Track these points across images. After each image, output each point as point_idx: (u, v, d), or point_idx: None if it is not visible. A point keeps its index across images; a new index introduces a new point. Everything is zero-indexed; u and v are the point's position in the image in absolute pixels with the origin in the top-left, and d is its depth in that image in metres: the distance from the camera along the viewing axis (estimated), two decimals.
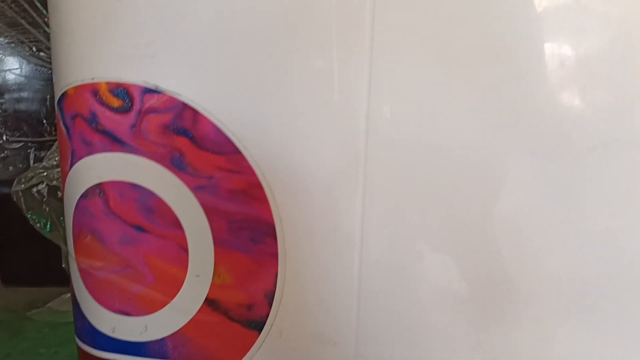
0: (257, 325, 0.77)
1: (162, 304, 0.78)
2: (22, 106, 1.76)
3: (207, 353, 0.79)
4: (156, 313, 0.79)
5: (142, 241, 0.77)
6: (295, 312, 0.76)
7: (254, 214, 0.73)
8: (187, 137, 0.72)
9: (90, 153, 0.75)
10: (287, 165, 0.72)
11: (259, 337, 0.77)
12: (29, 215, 1.54)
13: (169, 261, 0.77)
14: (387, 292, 0.74)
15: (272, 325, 0.77)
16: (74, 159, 0.77)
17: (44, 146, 1.69)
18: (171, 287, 0.78)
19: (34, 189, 1.56)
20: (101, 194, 0.76)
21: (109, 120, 0.74)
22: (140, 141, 0.74)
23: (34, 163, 1.63)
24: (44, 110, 1.74)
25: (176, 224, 0.76)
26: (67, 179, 0.79)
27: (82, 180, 0.77)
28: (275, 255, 0.74)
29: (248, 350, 0.78)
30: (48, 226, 1.57)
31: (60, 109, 0.77)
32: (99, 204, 0.77)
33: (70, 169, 0.78)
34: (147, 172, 0.75)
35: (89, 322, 0.82)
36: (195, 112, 0.71)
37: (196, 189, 0.74)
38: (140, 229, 0.76)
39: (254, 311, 0.76)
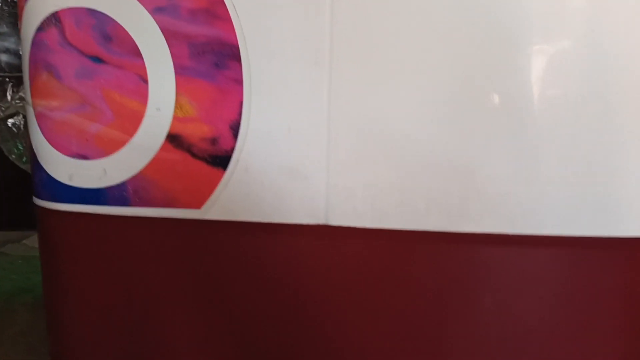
0: (223, 161, 0.72)
1: (121, 144, 0.74)
2: None
3: (171, 196, 0.74)
4: (115, 154, 0.74)
5: (99, 73, 0.73)
6: (262, 144, 0.71)
7: (217, 35, 0.69)
8: None
9: None
10: None
11: (225, 175, 0.73)
12: (3, 146, 1.49)
13: (127, 94, 0.73)
14: (359, 117, 0.70)
15: (238, 161, 0.72)
16: None
17: (22, 81, 1.64)
18: (130, 123, 0.73)
19: (10, 122, 1.52)
20: (57, 24, 0.73)
21: None
22: None
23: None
24: None
25: (135, 52, 0.72)
26: (24, 14, 0.75)
27: (39, 10, 0.73)
28: (240, 82, 0.70)
29: (213, 190, 0.73)
30: (24, 158, 1.52)
31: None
32: (55, 36, 0.73)
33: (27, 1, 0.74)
34: None
35: (46, 173, 0.77)
36: None
37: (155, 11, 0.70)
38: (97, 59, 0.72)
39: (219, 145, 0.72)
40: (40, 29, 0.73)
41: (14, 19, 1.85)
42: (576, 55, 0.67)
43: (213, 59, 0.70)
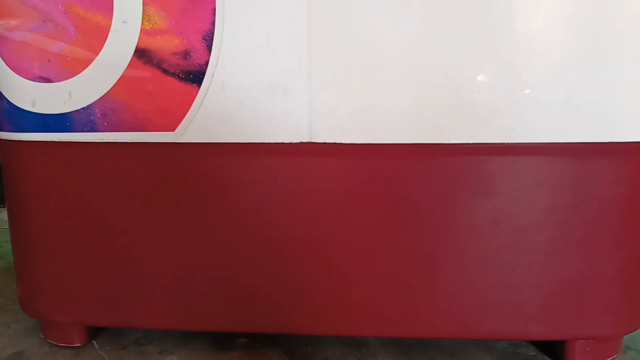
0: (196, 77, 0.67)
1: (87, 62, 0.69)
2: None
3: (141, 118, 0.69)
4: (80, 74, 0.69)
5: None
6: (238, 57, 0.66)
7: None
8: None
9: None
10: None
11: (200, 92, 0.67)
12: None
13: (91, 7, 0.67)
14: (343, 24, 0.65)
15: (213, 76, 0.67)
16: None
17: None
18: (96, 39, 0.68)
19: None
20: None
21: None
22: None
23: None
24: None
25: None
26: None
27: None
28: None
29: (188, 110, 0.68)
30: None
31: None
32: None
33: None
34: None
35: (6, 101, 0.72)
36: None
37: None
38: None
39: (192, 59, 0.67)
40: None
41: None
42: None
43: None
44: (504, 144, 0.66)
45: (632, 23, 0.64)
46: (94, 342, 0.84)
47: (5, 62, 0.71)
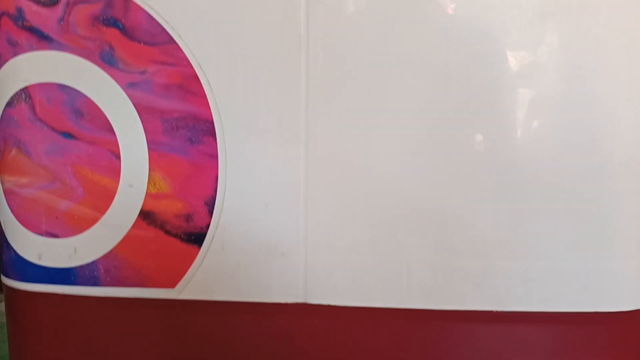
0: (197, 239, 0.70)
1: (93, 221, 0.72)
2: None
3: (143, 274, 0.71)
4: (86, 232, 0.72)
5: (70, 150, 0.71)
6: (238, 221, 0.69)
7: (191, 110, 0.68)
8: (118, 28, 0.68)
9: (16, 54, 0.70)
10: (225, 53, 0.67)
11: (200, 253, 0.70)
12: None
13: (99, 171, 0.71)
14: (336, 192, 0.68)
15: (213, 238, 0.70)
16: None
17: None
18: (102, 200, 0.71)
19: None
20: (27, 100, 0.71)
21: (36, 15, 0.69)
22: (68, 36, 0.69)
23: None
24: None
25: (107, 128, 0.70)
26: None
27: (8, 85, 0.71)
28: (215, 157, 0.69)
29: (188, 269, 0.71)
30: None
31: None
32: (24, 111, 0.71)
33: None
34: (75, 70, 0.69)
35: (14, 251, 0.74)
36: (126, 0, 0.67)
37: (128, 87, 0.69)
38: (68, 135, 0.70)
39: (194, 222, 0.70)
40: (10, 104, 0.72)
41: None
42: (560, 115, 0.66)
43: (187, 134, 0.68)
44: (493, 311, 0.68)
45: (617, 195, 0.67)
46: None
47: (14, 216, 0.74)
